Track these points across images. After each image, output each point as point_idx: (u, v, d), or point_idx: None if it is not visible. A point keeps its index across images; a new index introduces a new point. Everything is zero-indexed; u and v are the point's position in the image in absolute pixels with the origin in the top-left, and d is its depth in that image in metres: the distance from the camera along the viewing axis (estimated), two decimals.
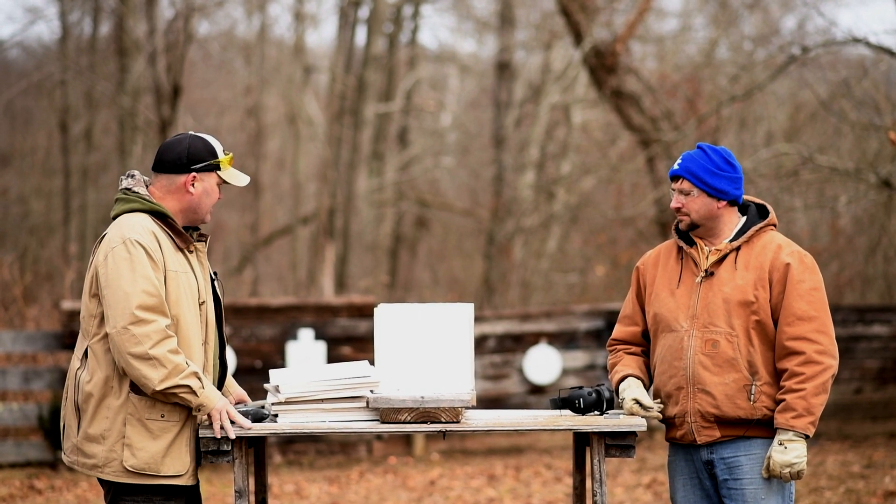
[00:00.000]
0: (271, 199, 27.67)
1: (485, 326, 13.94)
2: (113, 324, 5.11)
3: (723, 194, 5.49)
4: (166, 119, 18.55)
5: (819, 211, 17.22)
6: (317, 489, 11.86)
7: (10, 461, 12.68)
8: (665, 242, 5.73)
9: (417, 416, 5.35)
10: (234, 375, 12.68)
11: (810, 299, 5.42)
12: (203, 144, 5.37)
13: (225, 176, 5.40)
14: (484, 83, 27.33)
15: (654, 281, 5.63)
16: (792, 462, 5.33)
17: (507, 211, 23.12)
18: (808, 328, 5.38)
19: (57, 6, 22.92)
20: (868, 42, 12.69)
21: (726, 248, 5.49)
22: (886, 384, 14.45)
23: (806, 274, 5.44)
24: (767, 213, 5.60)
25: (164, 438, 5.21)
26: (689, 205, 5.51)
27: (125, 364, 5.10)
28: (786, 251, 5.46)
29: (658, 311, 5.55)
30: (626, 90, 16.55)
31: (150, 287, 5.13)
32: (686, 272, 5.55)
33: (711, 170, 5.48)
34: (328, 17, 33.00)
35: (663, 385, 5.53)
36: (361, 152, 22.93)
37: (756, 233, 5.52)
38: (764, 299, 5.41)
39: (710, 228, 5.54)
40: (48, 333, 12.74)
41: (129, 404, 5.18)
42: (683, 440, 5.53)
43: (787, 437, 5.33)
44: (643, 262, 5.73)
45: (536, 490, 11.47)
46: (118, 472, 5.19)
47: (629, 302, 5.73)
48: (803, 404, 5.32)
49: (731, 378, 5.40)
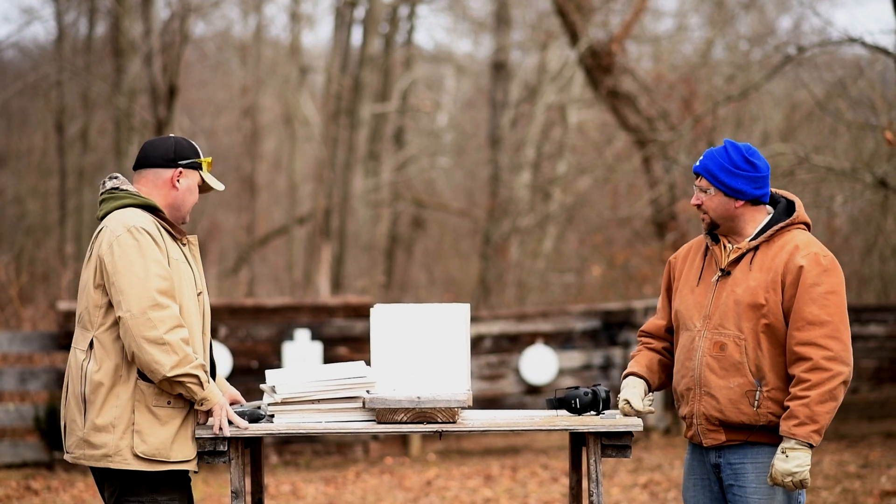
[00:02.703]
0: (267, 199, 27.67)
1: (481, 326, 13.94)
2: (127, 307, 5.12)
3: (740, 194, 5.33)
4: (162, 120, 18.54)
5: (815, 211, 17.22)
6: (313, 489, 11.86)
7: (7, 462, 12.66)
8: (698, 237, 5.60)
9: (414, 416, 5.35)
10: (230, 376, 12.73)
11: (824, 303, 5.21)
12: (188, 143, 5.46)
13: (206, 178, 5.47)
14: (480, 83, 27.34)
15: (680, 276, 5.52)
16: (793, 471, 5.16)
17: (503, 211, 23.13)
18: (817, 333, 5.19)
19: (53, 7, 22.93)
20: (864, 42, 12.70)
21: (745, 247, 5.35)
22: (882, 384, 14.46)
23: (822, 276, 5.24)
24: (794, 209, 5.41)
25: (172, 424, 5.23)
26: (707, 203, 5.38)
27: (137, 348, 5.11)
28: (802, 252, 5.27)
29: (678, 308, 5.47)
30: (622, 90, 16.56)
31: (162, 271, 5.19)
32: (707, 270, 5.43)
33: (728, 168, 5.33)
34: (324, 18, 33.07)
35: (677, 384, 5.46)
36: (357, 152, 22.93)
37: (778, 232, 5.35)
38: (774, 302, 5.26)
39: (730, 227, 5.39)
40: (44, 334, 12.74)
41: (137, 391, 5.21)
42: (694, 440, 5.47)
43: (790, 446, 5.17)
44: (675, 256, 5.62)
45: (533, 490, 11.47)
46: (129, 460, 5.20)
47: (661, 295, 5.65)
48: (806, 412, 5.14)
49: (735, 382, 5.27)
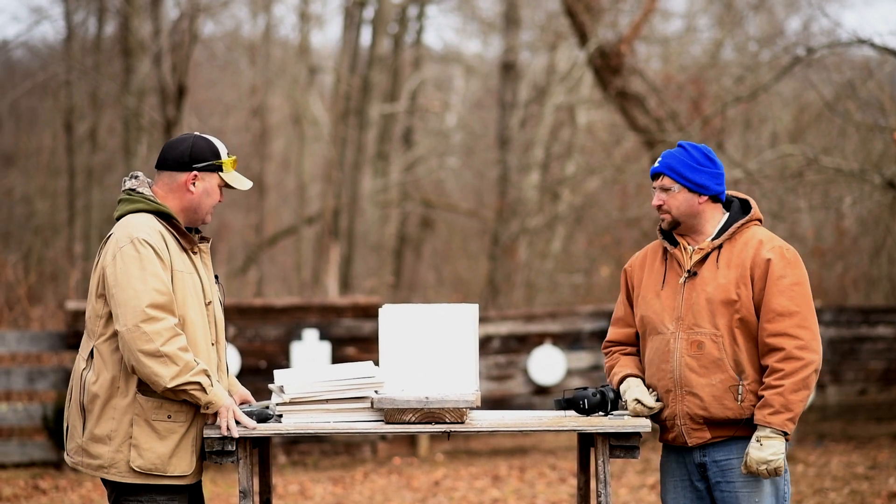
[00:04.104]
0: (276, 199, 27.68)
1: (489, 327, 13.94)
2: (123, 322, 5.10)
3: (704, 189, 5.46)
4: (171, 119, 18.55)
5: (824, 212, 17.22)
6: (321, 489, 11.86)
7: (15, 461, 12.69)
8: (651, 244, 5.69)
9: (422, 416, 5.34)
10: (238, 376, 12.74)
11: (791, 294, 5.34)
12: (207, 144, 5.37)
13: (227, 178, 5.39)
14: (489, 84, 27.33)
15: (640, 283, 5.60)
16: (768, 459, 5.27)
17: (511, 211, 23.12)
18: (788, 324, 5.32)
19: (62, 6, 22.94)
20: (873, 43, 12.69)
21: (708, 247, 5.45)
22: (891, 385, 14.45)
23: (787, 269, 5.37)
24: (750, 207, 5.55)
25: (171, 439, 5.21)
26: (669, 201, 5.48)
27: (135, 362, 5.09)
28: (767, 247, 5.40)
29: (644, 314, 5.53)
30: (630, 91, 16.54)
31: (160, 285, 5.14)
32: (670, 273, 5.52)
33: (692, 165, 5.46)
34: (333, 18, 32.99)
35: (652, 388, 5.51)
36: (366, 153, 22.92)
37: (738, 229, 5.47)
38: (746, 297, 5.37)
39: (692, 226, 5.50)
40: (53, 333, 12.76)
41: (135, 405, 5.18)
42: (675, 442, 5.52)
43: (765, 434, 5.28)
44: (630, 265, 5.71)
45: (541, 491, 11.46)
46: (124, 473, 5.18)
47: (620, 304, 5.71)
48: (781, 401, 5.26)
49: (717, 379, 5.36)
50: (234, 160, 5.43)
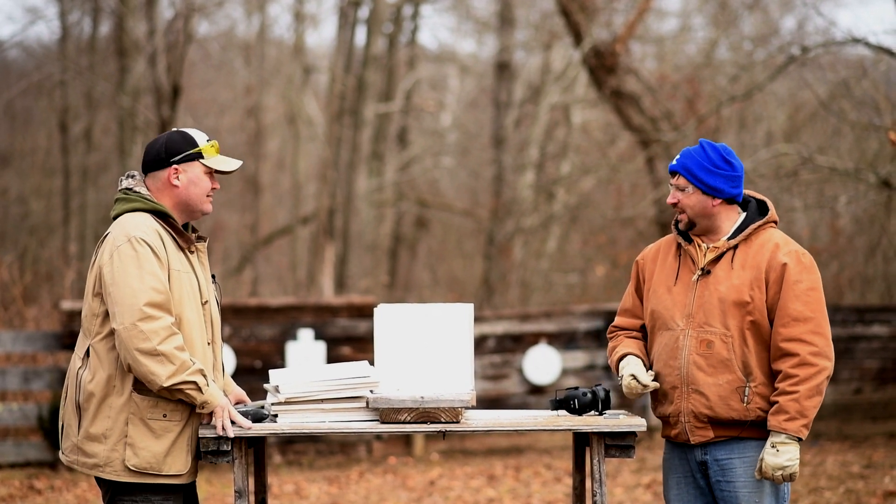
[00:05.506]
0: (271, 199, 27.68)
1: (484, 326, 13.94)
2: (120, 320, 5.10)
3: (718, 192, 5.43)
4: (166, 119, 18.54)
5: (819, 211, 17.23)
6: (316, 489, 11.87)
7: (10, 461, 12.68)
8: (665, 237, 5.67)
9: (417, 416, 5.35)
10: (233, 375, 12.73)
11: (806, 300, 5.32)
12: (180, 136, 5.37)
13: (210, 163, 5.37)
14: (483, 83, 27.33)
15: (652, 276, 5.58)
16: (784, 465, 5.27)
17: (506, 211, 23.13)
18: (803, 329, 5.30)
19: (57, 6, 22.94)
20: (867, 42, 12.70)
21: (724, 247, 5.43)
22: (886, 384, 14.46)
23: (803, 274, 5.35)
24: (767, 209, 5.52)
25: (167, 438, 5.21)
26: (684, 201, 5.46)
27: (132, 360, 5.09)
28: (783, 250, 5.38)
29: (655, 308, 5.52)
30: (625, 90, 16.55)
31: (157, 284, 5.14)
32: (684, 269, 5.50)
33: (707, 167, 5.42)
34: (328, 18, 33.00)
35: (659, 383, 5.50)
36: (361, 152, 22.92)
37: (755, 231, 5.44)
38: (759, 299, 5.34)
39: (706, 226, 5.48)
40: (48, 333, 12.75)
41: (131, 404, 5.18)
42: (678, 439, 5.51)
43: (780, 440, 5.28)
44: (643, 257, 5.68)
45: (536, 490, 11.47)
46: (119, 472, 5.18)
47: (629, 296, 5.69)
48: (796, 407, 5.25)
49: (724, 379, 5.35)
50: (214, 144, 5.41)
